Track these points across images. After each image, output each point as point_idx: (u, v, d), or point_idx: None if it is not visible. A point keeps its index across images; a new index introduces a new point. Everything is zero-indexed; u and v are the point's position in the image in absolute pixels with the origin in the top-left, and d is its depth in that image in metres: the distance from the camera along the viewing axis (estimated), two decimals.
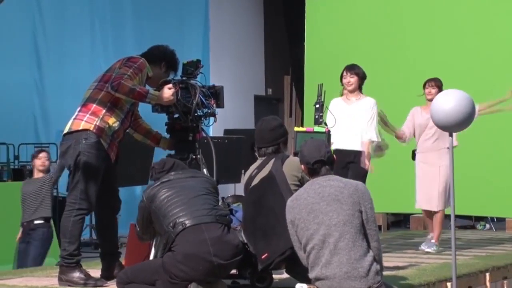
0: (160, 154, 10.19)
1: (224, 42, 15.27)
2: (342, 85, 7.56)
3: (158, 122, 6.15)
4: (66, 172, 6.28)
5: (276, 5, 16.43)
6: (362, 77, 7.54)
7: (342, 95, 7.65)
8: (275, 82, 16.58)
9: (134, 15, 13.67)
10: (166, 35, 12.82)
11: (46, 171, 9.01)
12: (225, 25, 15.38)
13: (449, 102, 5.28)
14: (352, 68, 7.54)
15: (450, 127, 5.36)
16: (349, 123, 7.43)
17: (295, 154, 5.50)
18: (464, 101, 5.27)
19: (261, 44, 16.30)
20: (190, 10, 14.72)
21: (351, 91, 7.50)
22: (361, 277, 4.74)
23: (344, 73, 7.54)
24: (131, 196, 10.53)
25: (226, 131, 13.40)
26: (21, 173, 10.82)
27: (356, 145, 7.48)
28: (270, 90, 16.56)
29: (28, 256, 8.78)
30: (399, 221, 13.39)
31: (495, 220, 12.61)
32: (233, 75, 15.02)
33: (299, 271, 5.18)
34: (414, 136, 8.42)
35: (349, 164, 7.42)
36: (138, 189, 12.17)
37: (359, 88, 7.57)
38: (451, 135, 5.49)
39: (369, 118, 7.49)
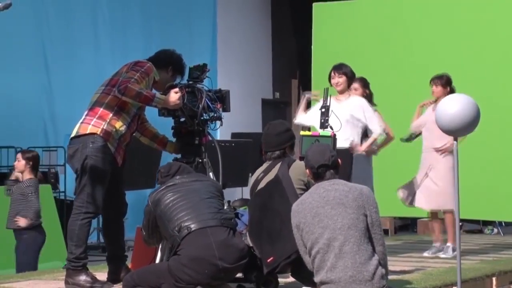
0: (167, 158, 10.24)
1: (231, 45, 15.27)
2: (331, 85, 7.16)
3: (164, 126, 6.18)
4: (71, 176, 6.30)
5: (283, 9, 16.44)
6: (350, 77, 7.19)
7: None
8: (283, 85, 16.57)
9: (143, 18, 13.72)
10: (174, 39, 12.87)
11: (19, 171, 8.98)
12: (233, 28, 15.39)
13: (453, 106, 5.29)
14: (339, 68, 7.19)
15: (455, 131, 5.37)
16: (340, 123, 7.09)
17: (301, 158, 5.50)
18: (469, 106, 5.27)
19: (269, 47, 16.29)
20: (198, 14, 14.73)
21: (341, 92, 7.16)
22: (366, 280, 4.74)
23: (332, 74, 7.20)
24: (138, 199, 10.55)
25: (234, 135, 13.41)
26: None
27: (345, 144, 6.99)
28: (278, 93, 16.53)
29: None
30: (407, 225, 13.39)
31: (503, 224, 12.59)
32: (241, 79, 15.03)
33: (305, 275, 5.19)
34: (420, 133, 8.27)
35: None
36: (146, 192, 12.19)
37: (348, 87, 7.24)
38: (456, 139, 5.49)
39: (363, 115, 7.10)
